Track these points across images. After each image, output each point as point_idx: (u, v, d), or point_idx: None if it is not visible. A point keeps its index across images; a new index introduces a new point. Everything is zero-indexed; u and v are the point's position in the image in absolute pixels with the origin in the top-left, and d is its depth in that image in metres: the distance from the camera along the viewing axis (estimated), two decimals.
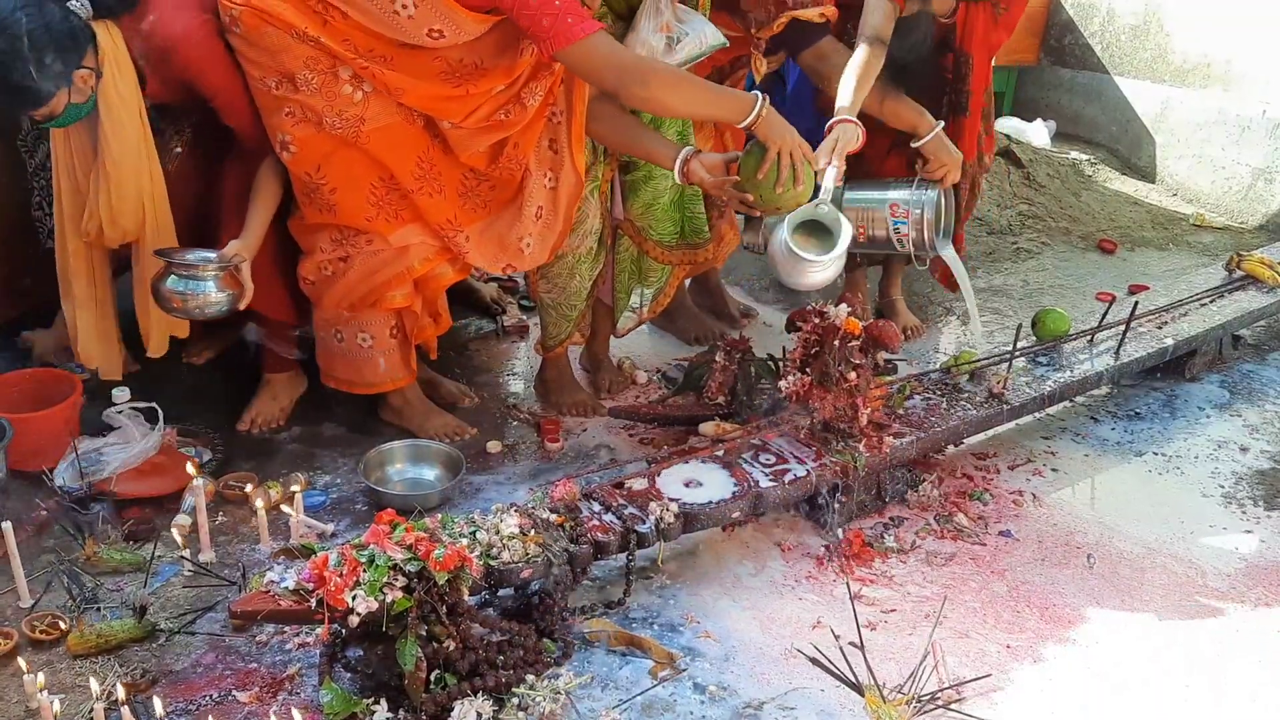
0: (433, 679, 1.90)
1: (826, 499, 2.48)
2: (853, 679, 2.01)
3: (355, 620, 1.84)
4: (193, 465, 2.44)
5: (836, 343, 2.43)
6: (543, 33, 2.30)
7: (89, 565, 2.31)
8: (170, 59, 2.43)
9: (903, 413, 2.69)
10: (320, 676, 1.96)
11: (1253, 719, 2.06)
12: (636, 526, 2.24)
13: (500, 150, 2.59)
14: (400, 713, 1.89)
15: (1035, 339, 3.10)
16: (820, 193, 2.60)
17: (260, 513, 2.38)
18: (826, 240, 2.63)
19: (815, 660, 2.05)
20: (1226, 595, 2.38)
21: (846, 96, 2.73)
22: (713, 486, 2.39)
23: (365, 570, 1.85)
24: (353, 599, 1.83)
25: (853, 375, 2.44)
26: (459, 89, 2.45)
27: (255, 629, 2.13)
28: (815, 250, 2.61)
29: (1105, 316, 3.11)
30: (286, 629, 2.11)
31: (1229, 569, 2.46)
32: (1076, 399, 3.10)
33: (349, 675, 1.98)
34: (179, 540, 2.35)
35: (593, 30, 2.31)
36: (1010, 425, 2.93)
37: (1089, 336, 3.11)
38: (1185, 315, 3.30)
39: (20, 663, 1.97)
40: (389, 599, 1.84)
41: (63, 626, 2.12)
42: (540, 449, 2.88)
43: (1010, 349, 2.90)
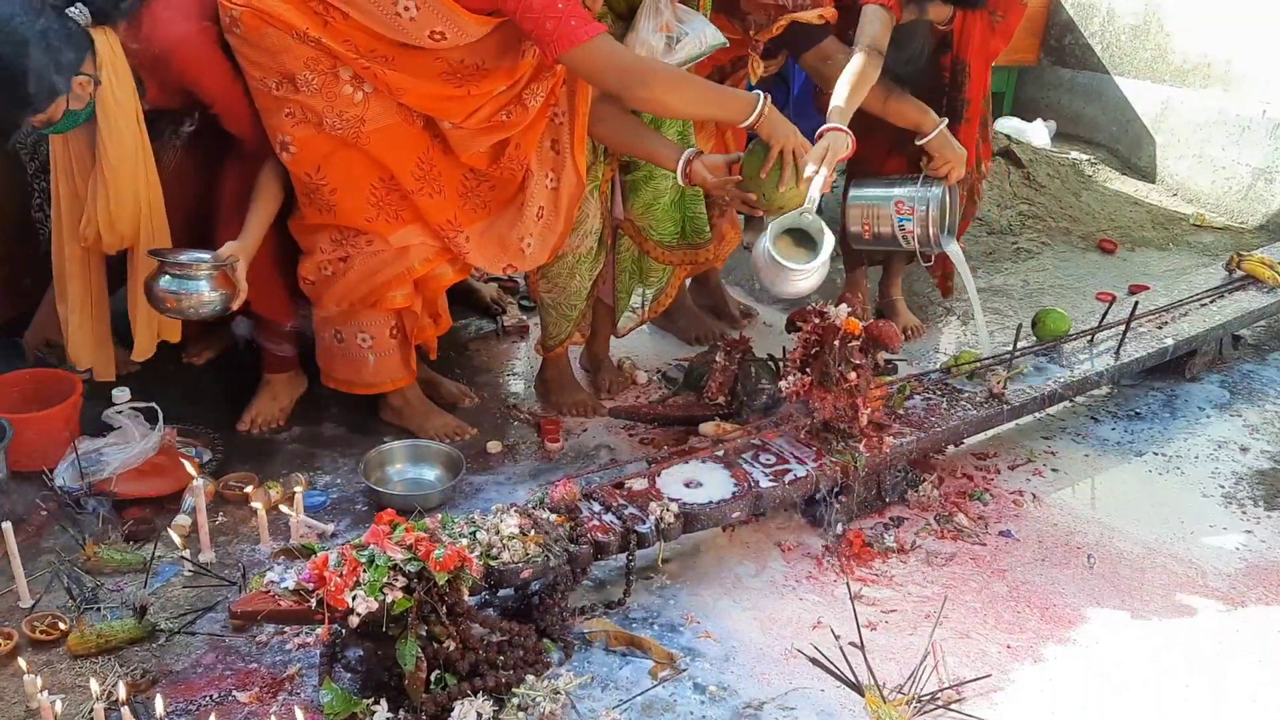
0: (433, 679, 1.89)
1: (827, 499, 2.48)
2: (853, 679, 2.01)
3: (355, 620, 1.84)
4: (193, 465, 2.44)
5: (836, 343, 2.43)
6: (546, 36, 2.30)
7: (89, 565, 2.31)
8: (168, 65, 2.43)
9: (903, 413, 2.69)
10: (320, 677, 1.96)
11: (1253, 719, 2.06)
12: (636, 527, 2.24)
13: (501, 151, 2.59)
14: (400, 713, 1.89)
15: (1035, 339, 3.10)
16: (806, 201, 2.58)
17: (260, 513, 2.38)
18: (812, 249, 2.62)
19: (815, 660, 2.05)
20: (1226, 595, 2.38)
21: (839, 104, 2.72)
22: (713, 487, 2.39)
23: (365, 570, 1.85)
24: (353, 599, 1.83)
25: (853, 375, 2.44)
26: (460, 89, 2.45)
27: (255, 629, 2.13)
28: (800, 259, 2.60)
29: (1105, 316, 3.12)
30: (286, 629, 2.11)
31: (1229, 569, 2.46)
32: (1077, 399, 3.10)
33: (349, 675, 1.98)
34: (179, 540, 2.35)
35: (596, 33, 2.32)
36: (1010, 425, 2.93)
37: (1089, 336, 3.11)
38: (1185, 315, 3.31)
39: (20, 663, 1.97)
40: (389, 599, 1.83)
41: (63, 627, 2.12)
42: (540, 449, 2.88)
43: (1010, 349, 2.90)
